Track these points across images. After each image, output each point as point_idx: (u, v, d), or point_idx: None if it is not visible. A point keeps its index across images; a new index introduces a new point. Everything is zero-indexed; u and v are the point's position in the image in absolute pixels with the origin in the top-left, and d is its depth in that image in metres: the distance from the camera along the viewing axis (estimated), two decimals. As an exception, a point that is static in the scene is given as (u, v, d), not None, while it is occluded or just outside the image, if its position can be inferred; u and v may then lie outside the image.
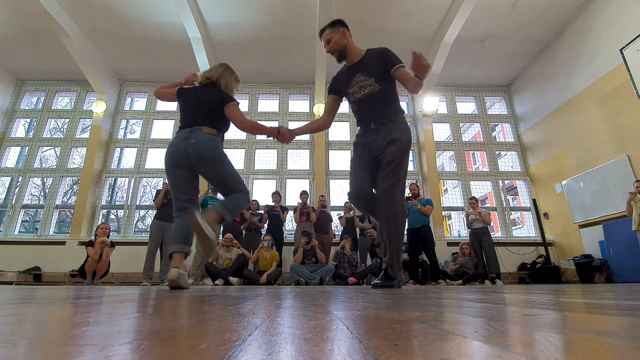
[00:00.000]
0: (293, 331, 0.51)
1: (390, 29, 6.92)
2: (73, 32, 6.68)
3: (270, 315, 0.72)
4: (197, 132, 2.37)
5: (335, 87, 2.61)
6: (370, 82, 2.40)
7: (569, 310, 0.85)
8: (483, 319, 0.63)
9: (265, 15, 6.60)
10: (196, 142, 2.32)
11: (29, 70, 8.11)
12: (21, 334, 0.49)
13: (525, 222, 7.98)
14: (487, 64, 7.92)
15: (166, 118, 8.42)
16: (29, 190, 7.80)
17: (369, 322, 0.61)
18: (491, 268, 5.65)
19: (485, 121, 8.56)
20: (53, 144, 8.45)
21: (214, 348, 0.37)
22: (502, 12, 6.50)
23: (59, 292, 2.15)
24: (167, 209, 5.23)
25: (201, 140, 2.34)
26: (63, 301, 1.25)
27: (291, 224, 7.57)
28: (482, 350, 0.36)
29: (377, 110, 2.41)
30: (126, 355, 0.33)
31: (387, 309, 0.86)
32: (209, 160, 2.35)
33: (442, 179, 8.60)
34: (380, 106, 2.41)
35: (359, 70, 2.46)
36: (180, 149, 2.33)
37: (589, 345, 0.38)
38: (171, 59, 7.72)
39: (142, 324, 0.59)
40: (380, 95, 2.39)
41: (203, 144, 2.33)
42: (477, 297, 1.43)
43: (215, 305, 1.00)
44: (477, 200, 6.27)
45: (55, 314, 0.82)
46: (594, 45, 6.24)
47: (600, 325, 0.57)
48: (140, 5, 6.35)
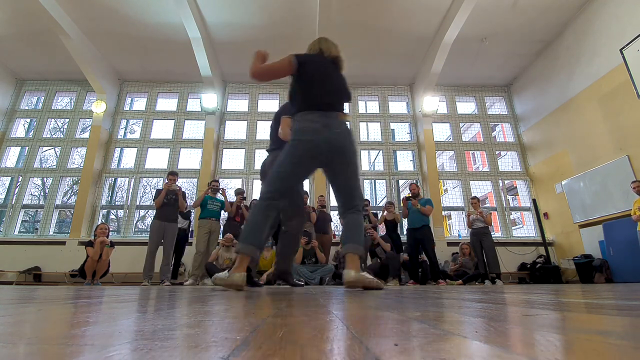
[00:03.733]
0: (293, 331, 0.51)
1: (390, 29, 6.92)
2: (73, 32, 6.68)
3: (270, 315, 0.72)
4: (335, 119, 2.03)
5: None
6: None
7: (569, 310, 0.85)
8: (483, 319, 0.63)
9: (265, 15, 6.59)
10: (341, 132, 2.00)
11: (29, 70, 8.11)
12: (21, 334, 0.49)
13: (525, 222, 7.98)
14: (487, 64, 7.92)
15: (166, 118, 8.42)
16: (29, 190, 7.81)
17: (369, 322, 0.61)
18: (491, 268, 5.65)
19: (485, 121, 8.55)
20: (53, 144, 8.45)
21: (214, 348, 0.37)
22: (502, 11, 6.50)
23: (59, 292, 2.15)
24: (168, 208, 5.23)
25: (345, 132, 2.02)
26: (63, 301, 1.25)
27: (291, 224, 7.55)
28: (482, 350, 0.36)
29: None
30: (126, 355, 0.33)
31: (387, 309, 0.86)
32: (350, 158, 2.03)
33: (442, 179, 8.59)
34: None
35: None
36: (321, 137, 1.96)
37: (589, 345, 0.38)
38: (171, 59, 7.72)
39: (142, 324, 0.59)
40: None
41: (347, 137, 2.03)
42: (477, 297, 1.43)
43: (216, 306, 1.00)
44: (478, 200, 6.27)
45: (55, 314, 0.82)
46: (594, 45, 6.24)
47: (600, 325, 0.57)
48: (140, 5, 6.35)
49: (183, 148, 8.06)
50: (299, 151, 2.01)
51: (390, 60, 7.84)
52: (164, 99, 8.68)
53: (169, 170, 6.65)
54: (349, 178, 2.06)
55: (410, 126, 8.60)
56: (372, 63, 7.91)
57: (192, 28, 6.47)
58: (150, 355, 0.33)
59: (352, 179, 2.07)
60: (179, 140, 8.08)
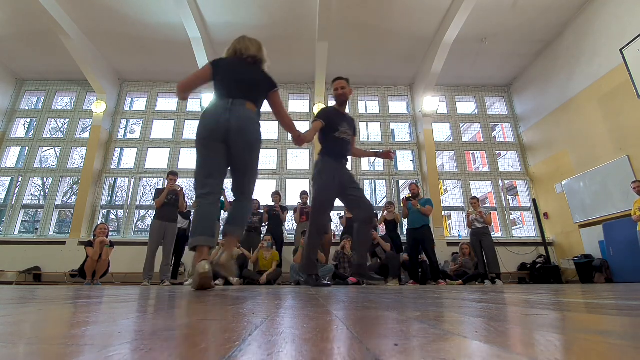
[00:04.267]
0: (293, 331, 0.51)
1: (390, 29, 6.92)
2: (73, 32, 6.68)
3: (270, 315, 0.72)
4: (240, 106, 2.18)
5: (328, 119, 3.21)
6: (349, 133, 3.28)
7: (569, 310, 0.85)
8: (483, 319, 0.63)
9: (265, 16, 6.59)
10: (240, 116, 2.15)
11: (29, 70, 8.11)
12: (21, 334, 0.49)
13: (525, 222, 7.98)
14: (487, 64, 7.92)
15: (166, 118, 8.42)
16: (29, 190, 7.80)
17: (369, 322, 0.61)
18: (491, 268, 5.65)
19: (485, 121, 8.55)
20: (53, 144, 8.45)
21: (214, 348, 0.37)
22: (502, 12, 6.50)
23: (59, 292, 2.15)
24: (168, 208, 5.23)
25: (245, 117, 2.17)
26: (63, 301, 1.25)
27: (291, 224, 7.57)
28: (482, 350, 0.36)
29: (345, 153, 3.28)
30: (126, 355, 0.33)
31: (387, 309, 0.86)
32: (250, 142, 2.18)
33: (442, 179, 8.59)
34: (347, 151, 3.31)
35: (345, 120, 3.30)
36: (221, 119, 2.11)
37: (589, 345, 0.38)
38: (171, 59, 7.72)
39: (142, 324, 0.59)
40: (349, 145, 3.31)
41: (249, 122, 2.18)
42: (477, 297, 1.43)
43: (215, 305, 1.00)
44: (478, 200, 6.27)
45: (55, 314, 0.82)
46: (594, 45, 6.24)
47: (600, 325, 0.57)
48: (140, 5, 6.35)
49: (183, 148, 8.06)
50: (202, 132, 2.16)
51: (390, 60, 7.84)
52: (164, 99, 8.67)
53: (169, 170, 6.65)
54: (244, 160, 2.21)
55: (410, 126, 8.60)
56: (372, 63, 7.91)
57: (192, 28, 6.46)
58: (150, 355, 0.33)
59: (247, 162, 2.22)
60: (179, 140, 8.08)
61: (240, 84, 2.26)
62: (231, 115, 2.13)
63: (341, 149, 3.21)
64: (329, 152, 3.20)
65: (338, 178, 3.11)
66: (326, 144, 3.23)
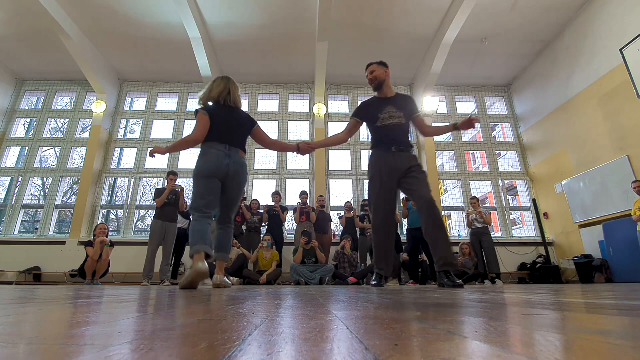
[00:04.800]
0: (293, 331, 0.51)
1: (390, 29, 6.92)
2: (73, 32, 6.68)
3: (270, 315, 0.72)
4: (236, 153, 2.63)
5: (363, 113, 3.07)
6: (399, 115, 2.95)
7: (569, 310, 0.85)
8: (483, 319, 0.63)
9: (265, 15, 6.60)
10: (237, 163, 2.61)
11: (29, 70, 8.11)
12: (21, 334, 0.49)
13: (525, 222, 7.98)
14: (487, 64, 7.92)
15: (166, 118, 8.42)
16: (29, 190, 7.80)
17: (369, 322, 0.61)
18: (491, 268, 5.65)
19: (485, 121, 8.55)
20: (53, 144, 8.45)
21: (214, 348, 0.37)
22: (502, 12, 6.50)
23: (59, 292, 2.15)
24: (169, 208, 5.23)
25: (241, 164, 2.65)
26: (63, 301, 1.25)
27: (291, 224, 7.57)
28: (482, 350, 0.36)
29: (399, 138, 2.95)
30: (126, 355, 0.33)
31: (387, 309, 0.86)
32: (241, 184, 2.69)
33: (442, 179, 8.59)
34: (402, 135, 2.98)
35: (391, 103, 3.00)
36: (223, 162, 2.54)
37: (589, 345, 0.38)
38: (171, 59, 7.72)
39: (142, 324, 0.59)
40: (404, 127, 2.99)
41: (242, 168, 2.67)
42: (477, 297, 1.43)
43: (215, 305, 1.00)
44: (478, 200, 6.27)
45: (55, 314, 0.82)
46: (594, 45, 6.24)
47: (600, 325, 0.57)
48: (140, 5, 6.35)
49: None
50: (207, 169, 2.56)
51: (390, 60, 7.70)
52: (164, 99, 8.67)
53: (169, 170, 6.65)
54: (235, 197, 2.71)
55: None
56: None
57: (192, 28, 6.47)
58: (150, 355, 0.33)
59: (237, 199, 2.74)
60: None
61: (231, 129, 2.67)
62: (230, 161, 2.57)
63: (387, 137, 2.93)
64: (376, 144, 3.01)
65: (386, 168, 2.83)
66: (372, 138, 3.06)
